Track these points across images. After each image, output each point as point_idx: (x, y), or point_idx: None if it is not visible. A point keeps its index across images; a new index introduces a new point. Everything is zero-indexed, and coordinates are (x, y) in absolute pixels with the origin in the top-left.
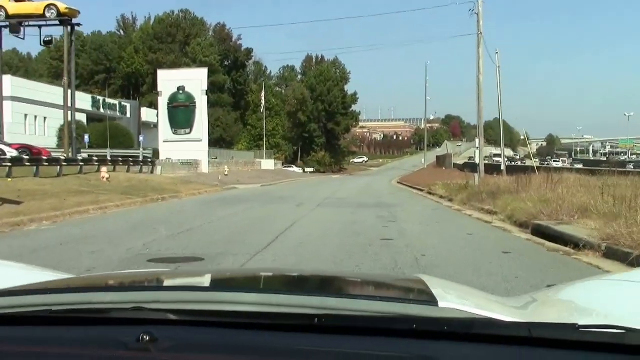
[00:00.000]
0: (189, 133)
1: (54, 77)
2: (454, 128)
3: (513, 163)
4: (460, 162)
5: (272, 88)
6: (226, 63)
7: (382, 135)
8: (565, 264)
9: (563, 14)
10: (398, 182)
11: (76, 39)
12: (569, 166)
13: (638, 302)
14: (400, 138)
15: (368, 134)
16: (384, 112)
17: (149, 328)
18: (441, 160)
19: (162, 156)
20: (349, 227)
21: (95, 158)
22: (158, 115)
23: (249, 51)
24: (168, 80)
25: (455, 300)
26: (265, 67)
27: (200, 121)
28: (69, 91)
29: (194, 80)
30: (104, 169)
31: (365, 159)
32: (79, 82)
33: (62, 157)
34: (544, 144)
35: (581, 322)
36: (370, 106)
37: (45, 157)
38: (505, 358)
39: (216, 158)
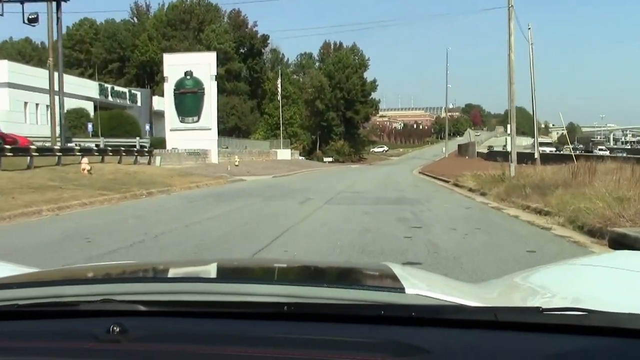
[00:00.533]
0: (197, 121)
1: (66, 66)
2: (474, 117)
3: (547, 151)
4: (481, 151)
5: (289, 76)
6: (242, 50)
7: (402, 125)
8: None
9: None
10: (420, 172)
11: (89, 27)
12: (612, 154)
13: (601, 285)
14: (421, 127)
15: (388, 123)
16: (404, 101)
17: (119, 319)
18: (463, 149)
19: (169, 146)
20: (358, 239)
21: (77, 147)
22: (165, 103)
23: (265, 38)
24: (174, 65)
25: (421, 286)
26: (283, 54)
27: (209, 108)
28: (56, 74)
29: (202, 65)
30: (84, 160)
31: (386, 148)
32: (92, 71)
33: (50, 147)
34: (564, 132)
35: (545, 306)
36: (390, 95)
37: (9, 147)
38: (471, 342)
39: (227, 147)
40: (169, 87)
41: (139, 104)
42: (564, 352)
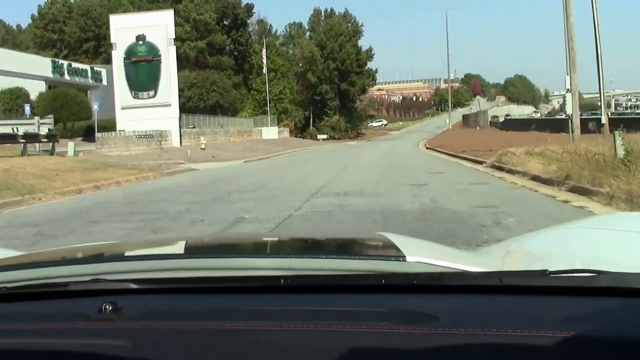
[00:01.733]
0: (154, 96)
1: (39, 48)
2: (475, 87)
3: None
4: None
5: (277, 47)
6: (225, 23)
7: (401, 97)
8: None
9: None
10: (427, 148)
11: (62, 5)
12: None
13: (604, 247)
14: (420, 99)
15: (386, 96)
16: (402, 74)
17: (111, 298)
18: (471, 119)
19: (120, 127)
20: None
21: None
22: (114, 75)
23: (250, 7)
24: (123, 28)
25: (422, 254)
26: (270, 25)
27: (168, 80)
28: None
29: (158, 27)
30: None
31: (385, 122)
32: (67, 51)
33: None
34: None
35: (551, 269)
36: (387, 68)
37: None
38: (476, 308)
39: (194, 127)
40: (117, 56)
41: (104, 82)
42: (573, 315)
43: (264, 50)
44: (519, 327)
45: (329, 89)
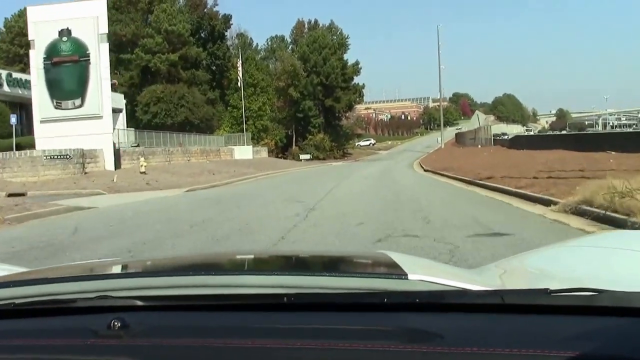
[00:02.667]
0: (80, 106)
1: (6, 63)
2: (463, 106)
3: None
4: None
5: (257, 61)
6: (201, 35)
7: (389, 116)
8: None
9: None
10: (426, 170)
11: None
12: None
13: (602, 265)
14: (409, 118)
15: (374, 115)
16: (389, 94)
17: (119, 315)
18: (467, 137)
19: (40, 145)
20: None
21: None
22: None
23: (227, 18)
24: (44, 22)
25: (423, 272)
26: (251, 38)
27: (98, 86)
28: None
29: (86, 20)
30: None
31: (373, 141)
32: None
33: None
34: (554, 119)
35: (552, 287)
36: (374, 88)
37: None
38: (479, 326)
39: (137, 145)
40: (36, 56)
41: None
42: (575, 334)
43: (239, 62)
44: (523, 346)
45: (313, 105)
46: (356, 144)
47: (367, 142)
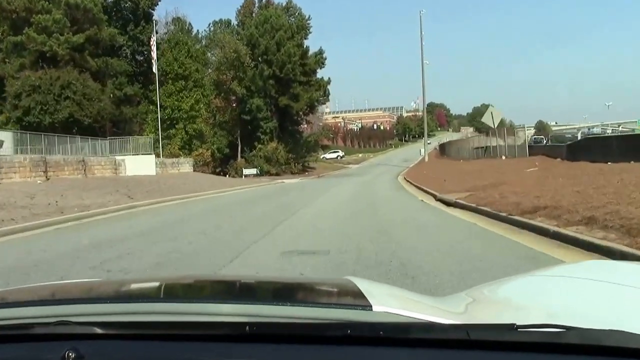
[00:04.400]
0: None
1: None
2: (440, 117)
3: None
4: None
5: (189, 47)
6: (122, 14)
7: (360, 125)
8: None
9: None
10: (438, 199)
11: None
12: None
13: (573, 297)
14: (381, 128)
15: (342, 124)
16: (358, 103)
17: (75, 344)
18: (452, 149)
19: None
20: None
21: None
22: None
23: None
24: None
25: (389, 303)
26: (190, 24)
27: None
28: None
29: None
30: None
31: (341, 153)
32: None
33: None
34: (531, 131)
35: (519, 321)
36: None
37: None
38: None
39: None
40: None
41: None
42: None
43: (153, 39)
44: None
45: (263, 104)
46: (321, 156)
47: (334, 155)
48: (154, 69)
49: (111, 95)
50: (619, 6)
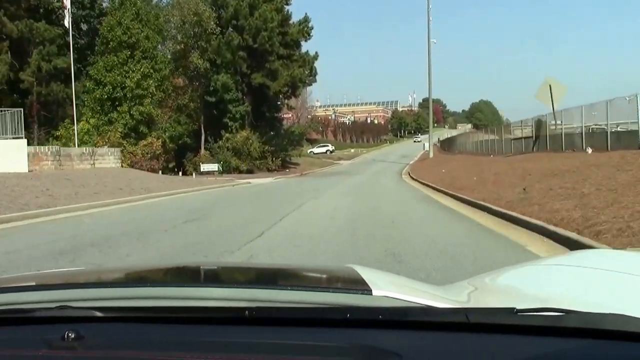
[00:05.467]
0: None
1: None
2: (436, 112)
3: None
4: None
5: (137, 6)
6: None
7: (352, 119)
8: None
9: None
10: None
11: None
12: None
13: (571, 285)
14: (376, 121)
15: (333, 116)
16: (351, 99)
17: (75, 326)
18: (458, 144)
19: None
20: None
21: None
22: None
23: None
24: None
25: (389, 288)
26: None
27: None
28: None
29: None
30: None
31: (331, 147)
32: None
33: None
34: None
35: (519, 307)
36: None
37: None
38: (442, 345)
39: None
40: None
41: None
42: (540, 355)
43: None
44: None
45: (232, 82)
46: (308, 150)
47: (324, 149)
48: (66, 23)
49: (37, 70)
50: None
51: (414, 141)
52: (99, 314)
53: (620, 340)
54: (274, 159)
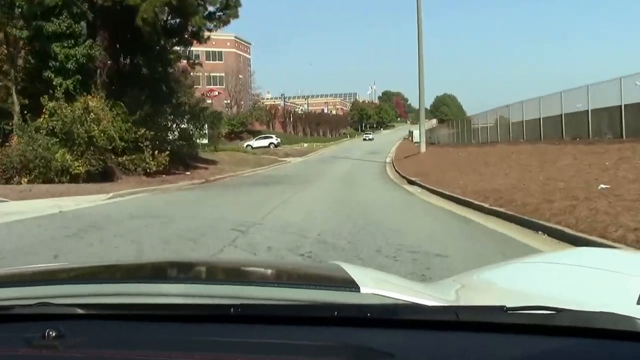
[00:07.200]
0: None
1: None
2: (398, 106)
3: None
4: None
5: None
6: None
7: (306, 108)
8: None
9: None
10: None
11: None
12: None
13: (563, 283)
14: (335, 112)
15: (282, 104)
16: (306, 92)
17: (56, 324)
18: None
19: None
20: None
21: None
22: None
23: None
24: None
25: (377, 285)
26: None
27: None
28: None
29: None
30: None
31: (275, 140)
32: None
33: None
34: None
35: (509, 305)
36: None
37: None
38: (431, 344)
39: None
40: None
41: None
42: (531, 354)
43: None
44: None
45: None
46: (244, 144)
47: (265, 142)
48: None
49: None
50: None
51: (364, 139)
52: (80, 311)
53: (611, 339)
54: (156, 152)
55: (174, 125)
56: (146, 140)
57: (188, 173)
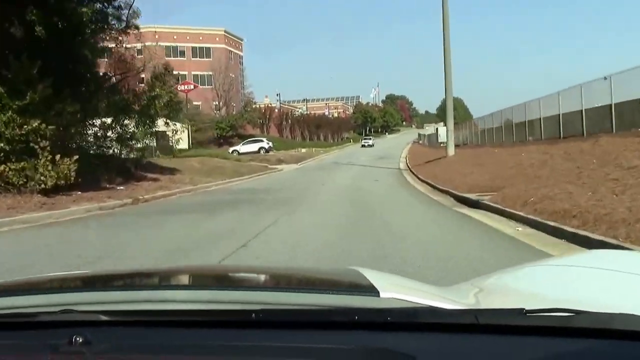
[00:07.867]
0: None
1: None
2: (403, 110)
3: None
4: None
5: None
6: None
7: (305, 110)
8: None
9: None
10: None
11: None
12: None
13: (580, 285)
14: (337, 115)
15: (277, 105)
16: (306, 95)
17: (81, 330)
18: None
19: None
20: None
21: None
22: None
23: None
24: None
25: (395, 290)
26: None
27: None
28: None
29: None
30: None
31: (267, 144)
32: None
33: None
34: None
35: (528, 307)
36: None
37: None
38: (452, 346)
39: None
40: None
41: None
42: (550, 355)
43: None
44: None
45: None
46: (230, 149)
47: (255, 146)
48: None
49: None
50: None
51: (363, 145)
52: (104, 317)
53: (630, 340)
54: (56, 158)
55: (103, 120)
56: (42, 138)
57: (121, 188)
